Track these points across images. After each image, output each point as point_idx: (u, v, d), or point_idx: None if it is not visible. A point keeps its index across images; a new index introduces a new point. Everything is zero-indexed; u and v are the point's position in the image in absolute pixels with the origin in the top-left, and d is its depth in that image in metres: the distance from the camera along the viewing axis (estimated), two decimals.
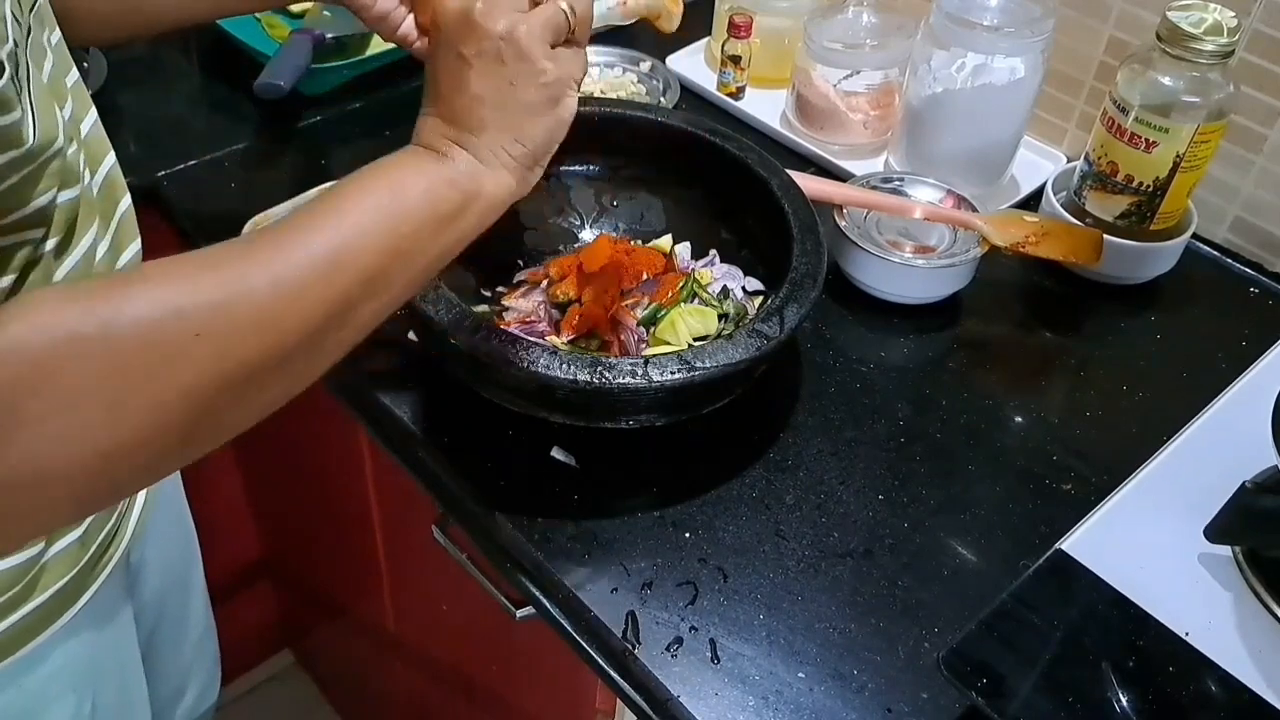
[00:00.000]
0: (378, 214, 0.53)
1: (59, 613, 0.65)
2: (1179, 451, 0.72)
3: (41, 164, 0.50)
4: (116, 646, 0.76)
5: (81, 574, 0.66)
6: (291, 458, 1.19)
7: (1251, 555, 0.65)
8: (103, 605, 0.70)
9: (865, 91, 1.05)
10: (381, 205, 0.53)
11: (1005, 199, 1.03)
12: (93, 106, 0.63)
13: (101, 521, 0.67)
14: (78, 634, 0.68)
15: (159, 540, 0.85)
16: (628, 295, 0.83)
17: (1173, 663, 0.60)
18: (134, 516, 0.72)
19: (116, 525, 0.70)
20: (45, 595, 0.64)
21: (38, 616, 0.64)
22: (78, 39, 0.63)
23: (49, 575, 0.63)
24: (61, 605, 0.65)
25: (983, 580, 0.71)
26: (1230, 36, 0.82)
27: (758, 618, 0.68)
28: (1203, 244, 1.00)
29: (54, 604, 0.65)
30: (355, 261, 0.51)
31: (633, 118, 0.88)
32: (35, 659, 0.65)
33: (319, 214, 0.52)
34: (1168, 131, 0.86)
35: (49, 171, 0.51)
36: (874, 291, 0.91)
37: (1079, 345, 0.91)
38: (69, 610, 0.66)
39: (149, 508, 0.74)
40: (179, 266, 0.48)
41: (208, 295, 0.47)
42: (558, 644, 0.70)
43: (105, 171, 0.64)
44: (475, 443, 0.77)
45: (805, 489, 0.76)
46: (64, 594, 0.65)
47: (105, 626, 0.73)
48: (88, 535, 0.66)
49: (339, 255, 0.51)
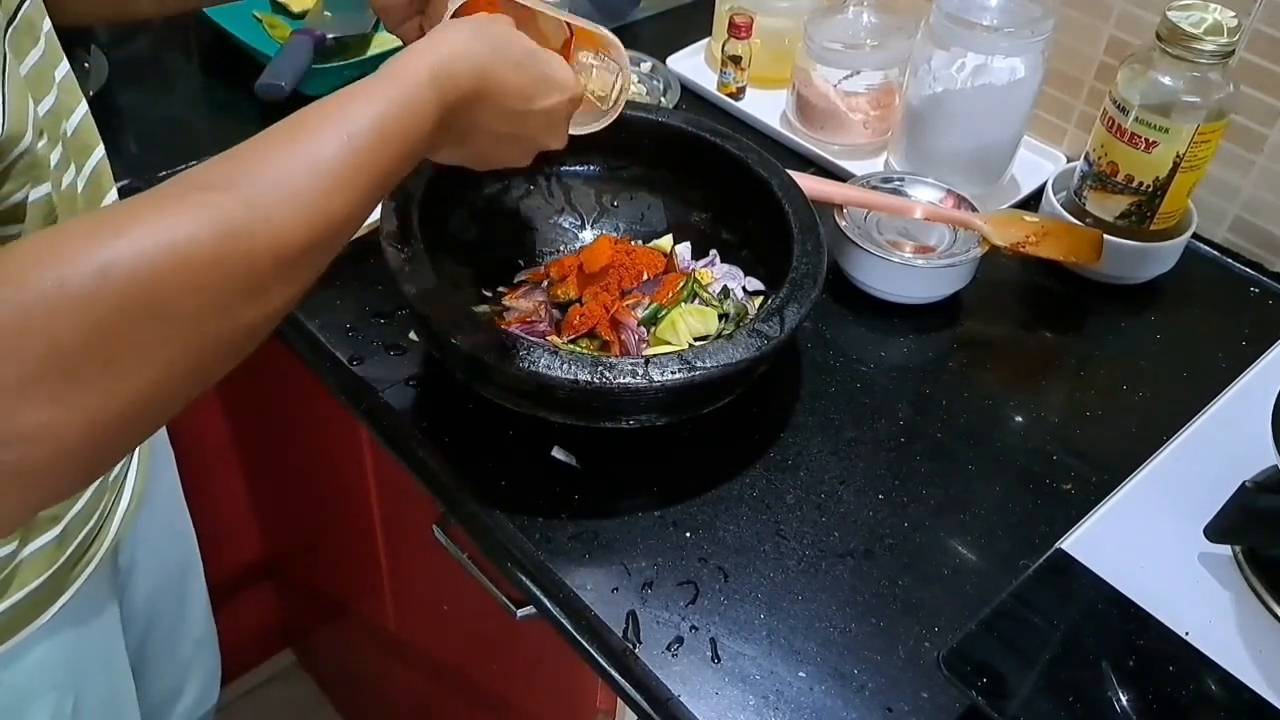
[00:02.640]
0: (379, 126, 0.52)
1: (36, 612, 0.65)
2: (1179, 451, 0.72)
3: (12, 160, 0.49)
4: (102, 646, 0.76)
5: (59, 573, 0.65)
6: (292, 458, 1.19)
7: (1251, 554, 0.65)
8: (86, 604, 0.69)
9: (865, 91, 1.05)
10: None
11: (1005, 199, 1.03)
12: (83, 100, 0.62)
13: (81, 521, 0.67)
14: (59, 632, 0.67)
15: (151, 543, 0.84)
16: (628, 295, 0.83)
17: (1173, 662, 0.60)
18: (118, 517, 0.72)
19: (99, 525, 0.69)
20: (21, 594, 0.63)
21: (13, 615, 0.63)
22: (61, 19, 0.61)
23: (25, 573, 0.63)
24: (38, 605, 0.65)
25: (983, 580, 0.71)
26: (1230, 36, 0.82)
27: (758, 617, 0.68)
28: (1203, 244, 1.00)
29: (30, 603, 0.64)
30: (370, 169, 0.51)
31: (633, 118, 0.88)
32: (13, 656, 0.64)
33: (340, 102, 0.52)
34: (1168, 131, 0.86)
35: (19, 168, 0.50)
36: (874, 291, 0.91)
37: (1079, 345, 0.91)
38: (47, 609, 0.65)
39: (135, 507, 0.74)
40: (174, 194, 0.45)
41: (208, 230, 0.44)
42: (558, 643, 0.70)
43: (93, 165, 0.63)
44: (476, 442, 0.77)
45: (805, 489, 0.76)
46: (40, 593, 0.64)
47: (89, 626, 0.72)
48: (65, 534, 0.65)
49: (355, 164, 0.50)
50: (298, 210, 0.47)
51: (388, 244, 0.73)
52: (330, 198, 0.48)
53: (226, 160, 0.48)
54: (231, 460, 1.28)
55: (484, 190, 0.88)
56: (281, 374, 0.99)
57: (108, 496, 0.70)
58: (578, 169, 0.91)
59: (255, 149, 0.48)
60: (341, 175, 0.49)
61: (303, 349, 0.86)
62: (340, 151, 0.49)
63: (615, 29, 1.25)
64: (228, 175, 0.47)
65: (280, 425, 1.16)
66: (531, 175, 0.90)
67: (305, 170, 0.48)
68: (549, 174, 0.91)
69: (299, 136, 0.49)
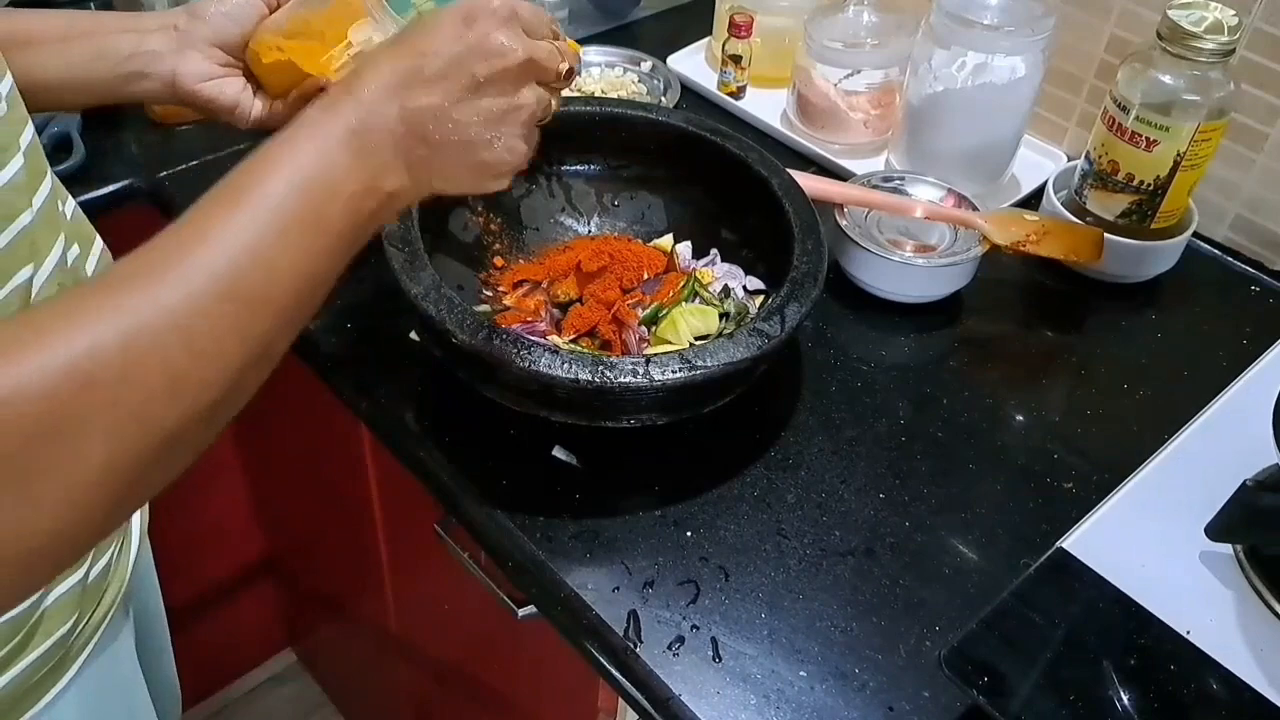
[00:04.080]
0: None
1: (63, 667, 0.62)
2: (1180, 450, 0.72)
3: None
4: (124, 701, 0.73)
5: (81, 620, 0.63)
6: (294, 457, 1.19)
7: (1252, 553, 0.65)
8: (106, 655, 0.67)
9: (866, 90, 1.05)
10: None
11: (1006, 198, 1.03)
12: (28, 121, 0.56)
13: (98, 565, 0.64)
14: (84, 686, 0.65)
15: (143, 593, 0.81)
16: (629, 294, 0.83)
17: (1174, 661, 0.60)
18: (130, 560, 0.68)
19: (110, 569, 0.66)
20: (48, 643, 0.60)
21: (39, 669, 0.60)
22: None
23: (50, 622, 0.60)
24: (65, 659, 0.62)
25: (984, 579, 0.71)
26: (1231, 35, 0.82)
27: (759, 616, 0.68)
28: (1203, 242, 1.00)
29: (56, 655, 0.61)
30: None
31: (633, 117, 0.88)
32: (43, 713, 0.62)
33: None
34: (1168, 130, 0.86)
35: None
36: (875, 290, 0.91)
37: (1080, 344, 0.91)
38: (74, 663, 0.63)
39: (141, 550, 0.71)
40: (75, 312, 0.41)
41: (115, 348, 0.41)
42: (559, 643, 0.70)
43: (46, 192, 0.57)
44: (477, 442, 0.77)
45: (806, 488, 0.76)
46: (65, 643, 0.62)
47: (112, 676, 0.69)
48: (88, 579, 0.62)
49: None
50: (212, 305, 0.43)
51: (388, 244, 0.72)
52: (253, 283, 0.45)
53: (144, 254, 0.44)
54: (232, 460, 1.28)
55: None
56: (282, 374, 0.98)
57: (119, 536, 0.68)
58: (578, 168, 0.91)
59: (171, 238, 0.45)
60: (263, 256, 0.45)
61: (303, 349, 0.86)
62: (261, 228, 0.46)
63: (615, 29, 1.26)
64: (140, 270, 0.43)
65: (281, 425, 1.16)
66: (532, 175, 0.90)
67: (223, 258, 0.44)
68: (550, 173, 0.91)
69: (216, 217, 0.46)
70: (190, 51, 0.70)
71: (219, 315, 0.44)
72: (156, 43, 0.70)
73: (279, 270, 0.46)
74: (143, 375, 0.41)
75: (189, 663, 0.97)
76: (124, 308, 0.41)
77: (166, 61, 0.70)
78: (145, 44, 0.70)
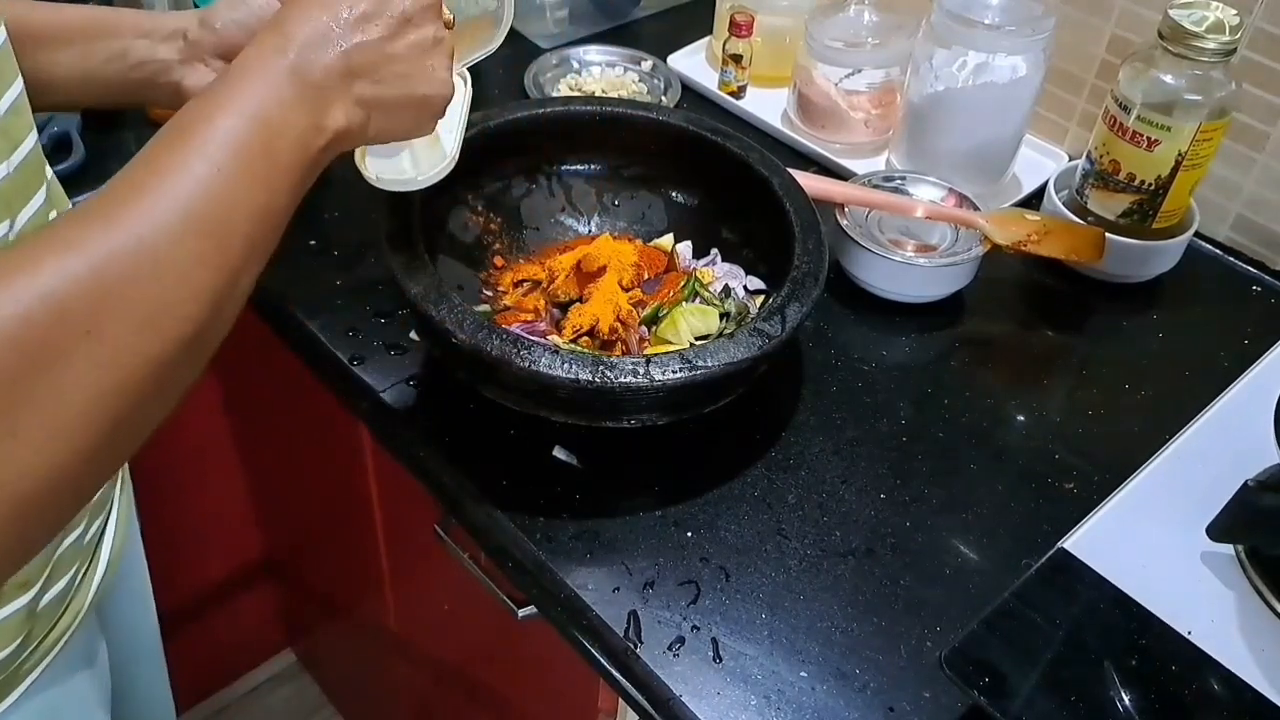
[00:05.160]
0: None
1: (7, 688, 0.61)
2: (1181, 450, 0.72)
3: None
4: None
5: (30, 643, 0.61)
6: (293, 457, 1.19)
7: (1254, 553, 0.65)
8: (58, 683, 0.65)
9: (866, 90, 1.05)
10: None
11: (1007, 197, 1.03)
12: (18, 78, 0.54)
13: (53, 586, 0.62)
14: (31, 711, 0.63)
15: (120, 618, 0.79)
16: (629, 294, 0.83)
17: (1175, 662, 0.60)
18: (93, 585, 0.67)
19: (69, 592, 0.64)
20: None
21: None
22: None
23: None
24: (9, 680, 0.60)
25: (985, 579, 0.71)
26: (1232, 34, 0.82)
27: (760, 617, 0.68)
28: (1205, 242, 1.00)
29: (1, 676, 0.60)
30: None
31: (634, 117, 0.88)
32: None
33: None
34: (1170, 130, 0.86)
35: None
36: (876, 290, 0.91)
37: (1081, 344, 0.91)
38: (17, 686, 0.61)
39: (111, 576, 0.69)
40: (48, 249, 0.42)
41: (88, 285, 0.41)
42: (560, 643, 0.70)
43: (24, 153, 0.56)
44: (477, 442, 0.77)
45: (807, 488, 0.76)
46: (10, 665, 0.60)
47: (65, 706, 0.67)
48: (36, 601, 0.59)
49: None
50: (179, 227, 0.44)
51: (388, 244, 0.72)
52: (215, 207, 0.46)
53: (105, 193, 0.45)
54: (232, 460, 1.28)
55: (484, 189, 0.88)
56: (282, 374, 0.99)
57: (79, 562, 0.65)
58: (578, 168, 0.91)
59: (128, 177, 0.45)
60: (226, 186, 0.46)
61: (303, 349, 0.86)
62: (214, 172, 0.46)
63: (615, 28, 1.26)
64: (104, 207, 0.44)
65: (281, 425, 1.16)
66: (532, 174, 0.90)
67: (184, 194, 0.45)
68: (549, 173, 0.91)
69: (170, 154, 0.46)
70: (197, 64, 0.70)
71: (185, 245, 0.44)
72: (166, 52, 0.70)
73: (238, 201, 0.47)
74: (116, 305, 0.42)
75: (188, 663, 0.97)
76: (91, 239, 0.42)
77: (174, 72, 0.70)
78: (156, 53, 0.70)
